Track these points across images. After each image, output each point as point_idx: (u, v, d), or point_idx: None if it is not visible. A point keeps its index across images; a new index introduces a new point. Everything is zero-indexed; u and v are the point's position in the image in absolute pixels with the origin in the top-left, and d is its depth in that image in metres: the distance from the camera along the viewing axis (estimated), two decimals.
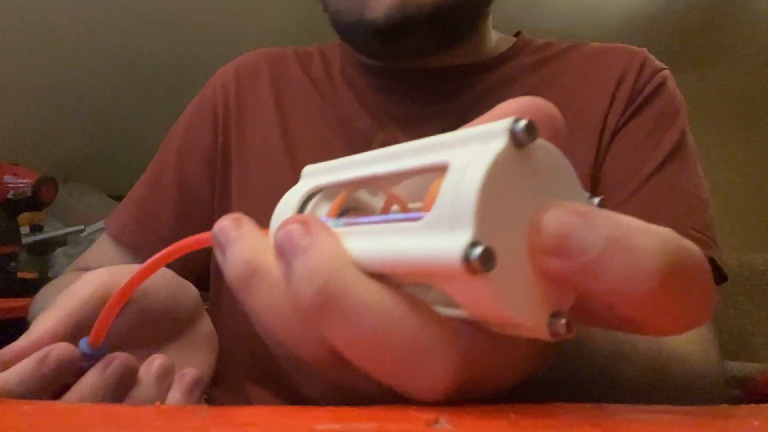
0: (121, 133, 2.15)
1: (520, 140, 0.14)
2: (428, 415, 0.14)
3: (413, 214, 0.16)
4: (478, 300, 0.14)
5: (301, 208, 0.20)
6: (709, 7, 2.10)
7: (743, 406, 0.17)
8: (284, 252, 0.16)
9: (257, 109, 0.57)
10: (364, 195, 0.20)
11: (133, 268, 0.31)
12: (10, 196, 1.21)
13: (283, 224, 0.16)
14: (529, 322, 0.14)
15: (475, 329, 0.16)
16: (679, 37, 2.29)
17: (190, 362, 0.31)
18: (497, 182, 0.14)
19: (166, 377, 0.28)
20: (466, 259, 0.13)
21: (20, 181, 1.22)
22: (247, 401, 0.51)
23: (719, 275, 0.47)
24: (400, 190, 0.19)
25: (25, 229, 1.38)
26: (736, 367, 1.52)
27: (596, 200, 0.16)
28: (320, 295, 0.15)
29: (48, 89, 1.92)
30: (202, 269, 0.55)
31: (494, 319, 0.15)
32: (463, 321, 0.16)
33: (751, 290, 2.03)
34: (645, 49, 0.54)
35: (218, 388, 0.54)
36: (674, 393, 0.33)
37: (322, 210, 0.19)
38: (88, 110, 2.05)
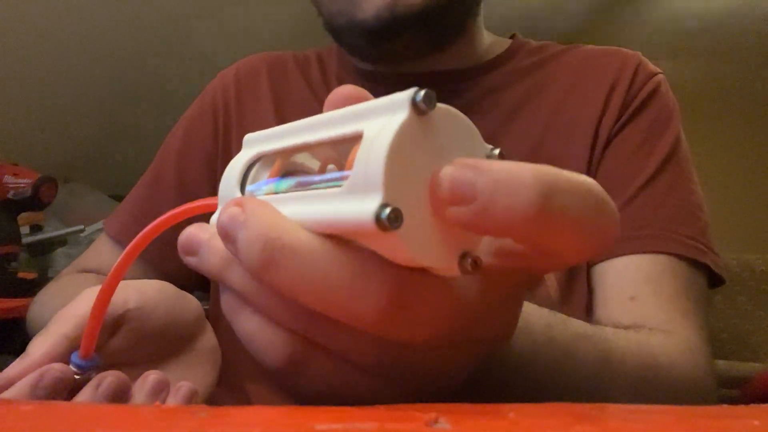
0: (121, 133, 2.15)
1: (421, 109, 0.16)
2: (428, 415, 0.14)
3: (332, 174, 0.19)
4: (392, 251, 0.16)
5: (245, 175, 0.22)
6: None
7: (743, 406, 0.17)
8: (228, 231, 0.18)
9: (257, 112, 0.57)
10: (302, 157, 0.22)
11: (127, 284, 0.31)
12: (10, 196, 1.20)
13: (223, 210, 0.18)
14: (439, 264, 0.17)
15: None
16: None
17: (190, 379, 0.31)
18: (402, 149, 0.16)
19: (160, 392, 0.28)
20: (378, 219, 0.15)
21: (20, 181, 1.21)
22: (248, 401, 0.51)
23: (715, 279, 0.47)
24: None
25: (25, 229, 1.38)
26: (736, 367, 1.52)
27: (496, 151, 0.18)
28: (265, 252, 0.17)
29: (48, 89, 1.92)
30: None
31: (409, 264, 0.17)
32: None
33: (751, 290, 2.02)
34: (639, 53, 0.54)
35: (218, 388, 0.53)
36: (663, 403, 0.34)
37: (263, 176, 0.22)
38: (88, 110, 2.05)
